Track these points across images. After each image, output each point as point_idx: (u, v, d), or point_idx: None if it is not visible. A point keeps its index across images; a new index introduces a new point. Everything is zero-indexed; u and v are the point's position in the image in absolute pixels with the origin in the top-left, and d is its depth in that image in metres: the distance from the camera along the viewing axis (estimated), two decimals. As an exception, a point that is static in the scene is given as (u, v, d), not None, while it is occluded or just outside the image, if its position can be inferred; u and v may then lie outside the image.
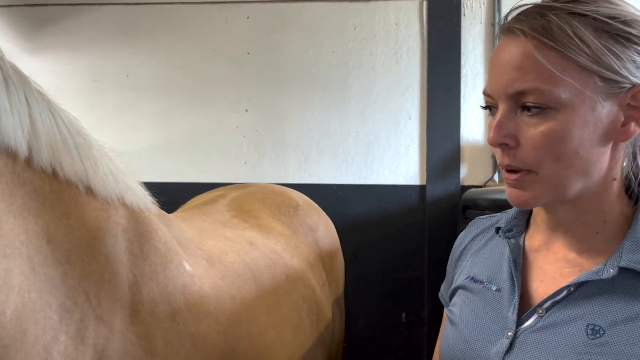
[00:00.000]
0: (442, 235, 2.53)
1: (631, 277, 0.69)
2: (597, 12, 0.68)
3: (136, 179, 0.96)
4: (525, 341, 0.74)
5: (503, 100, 0.71)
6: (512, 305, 0.78)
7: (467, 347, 0.81)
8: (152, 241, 0.89)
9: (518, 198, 0.73)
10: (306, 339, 1.26)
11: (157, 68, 2.58)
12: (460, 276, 0.92)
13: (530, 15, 0.71)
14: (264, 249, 1.30)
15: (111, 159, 0.89)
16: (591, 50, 0.66)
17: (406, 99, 2.58)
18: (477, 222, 0.99)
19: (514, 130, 0.71)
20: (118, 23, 2.58)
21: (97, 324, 0.73)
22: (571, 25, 0.67)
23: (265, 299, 1.16)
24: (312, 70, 2.58)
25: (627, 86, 0.68)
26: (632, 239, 0.71)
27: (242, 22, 2.58)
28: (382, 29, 2.58)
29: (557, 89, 0.67)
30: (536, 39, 0.68)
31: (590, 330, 0.69)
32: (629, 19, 0.68)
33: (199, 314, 0.93)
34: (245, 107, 2.59)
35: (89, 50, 2.58)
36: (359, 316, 2.47)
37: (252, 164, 2.59)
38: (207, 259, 1.07)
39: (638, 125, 0.70)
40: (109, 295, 0.76)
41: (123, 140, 2.57)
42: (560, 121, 0.68)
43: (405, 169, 2.59)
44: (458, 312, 0.87)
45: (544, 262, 0.80)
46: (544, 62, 0.67)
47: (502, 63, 0.71)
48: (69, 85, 2.57)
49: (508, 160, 0.72)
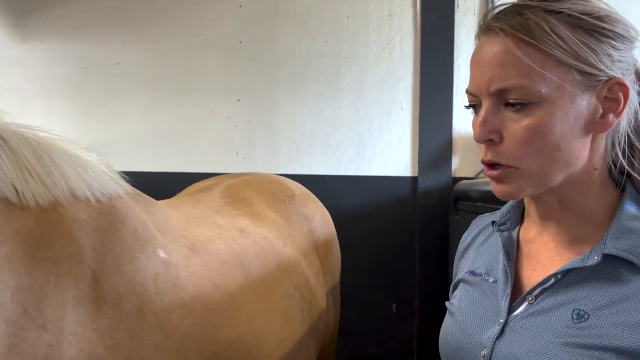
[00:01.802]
0: (434, 226, 2.54)
1: (615, 264, 0.72)
2: (571, 9, 0.71)
3: (107, 169, 0.93)
4: (515, 327, 0.78)
5: (486, 98, 0.74)
6: (505, 294, 0.81)
7: (463, 334, 0.84)
8: (117, 233, 0.87)
9: (503, 191, 0.77)
10: (297, 327, 1.25)
11: (148, 56, 2.54)
12: (462, 271, 0.96)
13: (508, 14, 0.74)
14: (255, 236, 1.29)
15: (67, 154, 0.86)
16: (568, 46, 0.70)
17: (399, 90, 2.58)
18: (478, 220, 1.03)
19: (498, 126, 0.74)
20: (108, 10, 2.54)
21: (39, 333, 0.72)
22: (548, 22, 0.70)
23: (254, 286, 1.15)
24: (305, 60, 2.56)
25: (604, 79, 0.71)
26: (616, 227, 0.74)
27: (234, 11, 2.55)
28: (376, 19, 2.57)
29: (537, 84, 0.70)
30: (515, 37, 0.71)
31: (576, 315, 0.72)
32: (602, 15, 0.72)
33: (172, 303, 0.91)
34: (237, 97, 2.57)
35: (78, 37, 2.54)
36: (349, 307, 2.48)
37: (244, 154, 2.57)
38: (189, 246, 1.06)
39: (616, 116, 0.73)
40: (56, 301, 0.75)
41: (112, 129, 2.54)
42: (542, 115, 0.71)
43: (397, 161, 2.59)
44: (457, 303, 0.91)
45: (537, 252, 0.83)
46: (523, 58, 0.70)
47: (484, 61, 0.74)
48: (58, 72, 2.53)
49: (491, 156, 0.75)
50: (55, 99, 2.53)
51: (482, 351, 0.79)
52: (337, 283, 1.74)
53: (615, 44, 0.72)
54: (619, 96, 0.73)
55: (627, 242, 0.72)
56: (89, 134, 2.52)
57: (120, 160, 2.49)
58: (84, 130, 2.53)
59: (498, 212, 0.94)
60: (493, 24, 0.74)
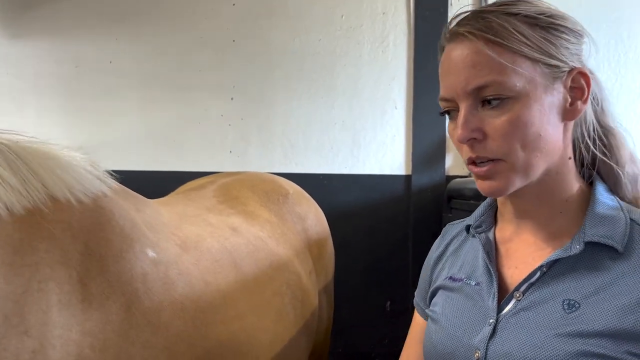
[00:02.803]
0: (428, 224, 2.54)
1: (596, 250, 0.75)
2: (527, 10, 0.77)
3: (92, 168, 0.91)
4: (506, 325, 0.78)
5: (463, 99, 0.77)
6: (492, 294, 0.82)
7: (451, 340, 0.84)
8: (102, 233, 0.86)
9: (491, 188, 0.79)
10: (289, 324, 1.25)
11: (141, 55, 2.54)
12: (439, 277, 0.96)
13: (472, 19, 0.78)
14: (248, 235, 1.29)
15: (43, 156, 0.84)
16: (532, 42, 0.75)
17: (392, 89, 2.58)
18: (449, 229, 1.04)
19: (479, 124, 0.76)
20: (101, 8, 2.53)
21: (21, 340, 0.71)
22: (510, 23, 0.75)
23: (246, 284, 1.15)
24: (299, 58, 2.56)
25: (567, 69, 0.77)
26: (591, 215, 0.77)
27: (228, 9, 2.55)
28: (369, 17, 2.57)
29: (511, 79, 0.74)
30: (483, 37, 0.76)
31: (567, 305, 0.73)
32: (553, 13, 0.78)
33: (161, 302, 0.91)
34: (231, 95, 2.56)
35: (70, 35, 2.53)
36: (343, 305, 2.48)
37: (238, 153, 2.57)
38: (180, 244, 1.06)
39: (583, 103, 0.79)
40: (39, 306, 0.74)
41: (105, 128, 2.53)
42: (520, 108, 0.74)
43: (391, 159, 2.59)
44: (440, 310, 0.90)
45: (516, 250, 0.85)
46: (494, 56, 0.74)
47: (457, 65, 0.78)
48: (50, 71, 2.52)
49: (478, 152, 0.77)
50: (47, 97, 2.52)
51: (476, 354, 0.79)
52: (330, 281, 1.74)
53: (569, 38, 0.78)
54: (582, 84, 0.78)
55: (605, 229, 0.75)
56: (82, 133, 2.52)
57: (113, 159, 2.49)
58: (76, 129, 2.52)
59: (471, 217, 0.96)
60: (460, 29, 0.78)
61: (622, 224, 0.75)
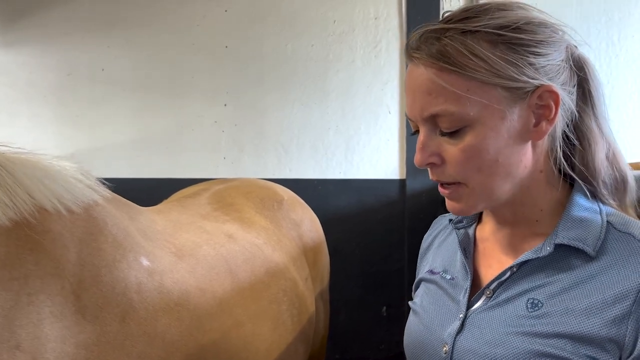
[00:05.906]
0: (422, 228, 2.52)
1: (566, 253, 0.75)
2: (489, 25, 0.71)
3: (83, 177, 0.89)
4: (474, 321, 0.80)
5: (422, 124, 0.76)
6: (464, 289, 0.84)
7: (426, 331, 0.87)
8: (94, 243, 0.84)
9: (454, 209, 0.79)
10: (286, 332, 1.25)
11: (133, 62, 2.53)
12: (423, 269, 0.99)
13: (427, 42, 0.74)
14: (243, 242, 1.28)
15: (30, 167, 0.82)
16: (489, 65, 0.70)
17: (385, 93, 2.58)
18: (439, 220, 1.06)
19: (437, 149, 0.76)
20: (93, 15, 2.52)
21: (12, 354, 0.70)
22: (466, 45, 0.71)
23: (242, 291, 1.14)
24: (291, 63, 2.56)
25: (531, 89, 0.72)
26: (566, 219, 0.77)
27: (220, 15, 2.55)
28: (362, 22, 2.57)
29: (465, 108, 0.71)
30: (435, 66, 0.72)
31: (530, 304, 0.74)
32: (520, 25, 0.72)
33: (156, 311, 0.90)
34: (224, 101, 2.56)
35: (62, 43, 2.52)
36: (339, 310, 2.47)
37: (231, 159, 2.56)
38: (175, 252, 1.05)
39: (549, 123, 0.74)
40: (29, 320, 0.72)
41: (98, 135, 2.52)
42: (474, 136, 0.72)
43: (385, 163, 2.59)
44: (419, 302, 0.94)
45: (493, 249, 0.86)
46: (447, 86, 0.71)
47: (414, 89, 0.75)
48: (42, 79, 2.51)
49: (438, 176, 0.78)
50: (40, 105, 2.51)
51: (444, 347, 0.81)
52: (326, 287, 1.73)
53: (537, 51, 0.72)
54: (549, 102, 0.73)
55: (577, 232, 0.75)
56: (75, 141, 2.50)
57: (106, 166, 2.47)
58: (69, 136, 2.51)
59: None
60: (414, 54, 0.75)
61: (596, 227, 0.75)
